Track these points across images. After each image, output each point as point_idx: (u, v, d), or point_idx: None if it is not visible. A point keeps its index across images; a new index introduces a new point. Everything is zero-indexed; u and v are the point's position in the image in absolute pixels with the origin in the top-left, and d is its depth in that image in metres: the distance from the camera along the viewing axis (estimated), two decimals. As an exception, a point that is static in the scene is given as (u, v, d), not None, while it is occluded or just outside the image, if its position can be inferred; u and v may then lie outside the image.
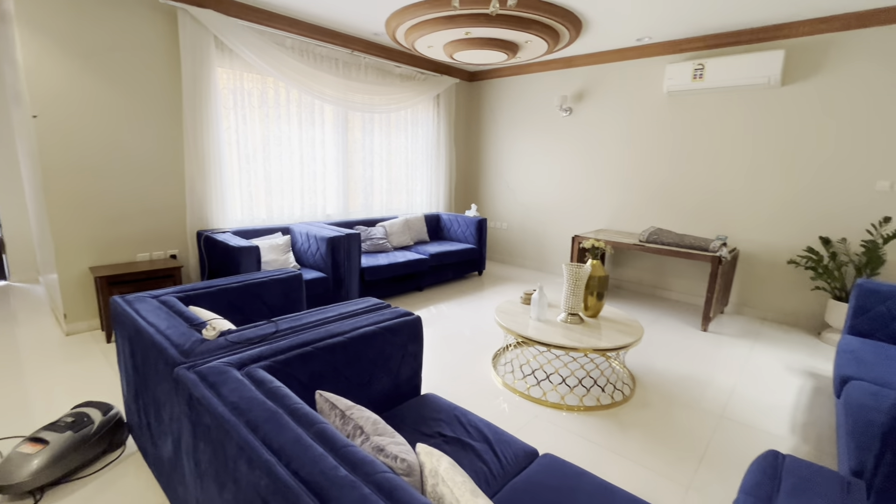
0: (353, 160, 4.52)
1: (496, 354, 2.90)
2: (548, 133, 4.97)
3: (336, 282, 3.44)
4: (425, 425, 1.47)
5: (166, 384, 1.28)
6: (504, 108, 5.34)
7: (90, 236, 3.03)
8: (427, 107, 5.13)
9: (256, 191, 3.84)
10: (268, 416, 0.95)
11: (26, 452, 1.58)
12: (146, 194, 3.24)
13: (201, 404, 1.03)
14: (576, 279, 2.47)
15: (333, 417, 1.05)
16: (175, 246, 3.45)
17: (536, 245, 5.30)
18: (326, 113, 4.21)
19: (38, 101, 2.72)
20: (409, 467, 0.86)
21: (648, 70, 4.17)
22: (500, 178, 5.53)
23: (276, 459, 0.83)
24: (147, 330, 1.44)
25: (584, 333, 2.39)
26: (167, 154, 3.29)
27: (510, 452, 1.38)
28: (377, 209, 4.85)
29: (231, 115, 3.59)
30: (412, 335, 1.65)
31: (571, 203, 4.91)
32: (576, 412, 2.29)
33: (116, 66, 2.98)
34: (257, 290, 2.10)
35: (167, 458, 1.39)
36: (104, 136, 2.99)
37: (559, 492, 1.19)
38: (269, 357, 1.28)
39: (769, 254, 3.73)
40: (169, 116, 3.25)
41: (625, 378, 2.66)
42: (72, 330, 3.03)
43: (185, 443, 1.15)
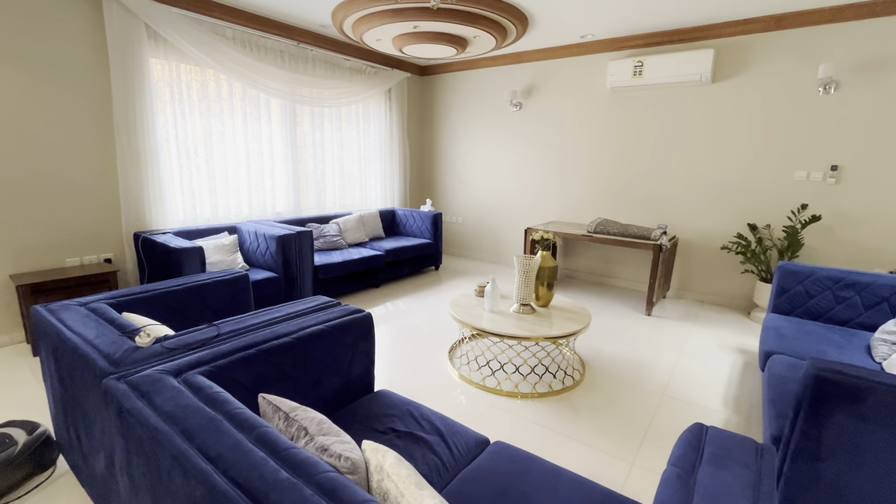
0: (302, 156, 4.39)
1: (452, 347, 2.93)
2: (499, 127, 5.05)
3: (288, 281, 3.35)
4: (377, 422, 1.47)
5: (95, 397, 1.20)
6: (456, 103, 5.36)
7: (8, 240, 2.78)
8: (378, 101, 5.06)
9: (199, 189, 3.66)
10: (205, 423, 0.92)
11: (-64, 481, 1.44)
12: (74, 194, 3.00)
13: (132, 415, 0.98)
14: (526, 270, 2.53)
15: (277, 420, 1.03)
16: (109, 249, 3.23)
17: (491, 238, 5.39)
18: (273, 107, 4.06)
19: (-62, 93, 2.45)
20: (354, 465, 0.86)
21: (593, 66, 4.31)
22: (453, 172, 5.57)
23: (212, 468, 0.80)
24: (72, 340, 1.34)
25: (535, 323, 2.47)
26: (96, 150, 3.06)
27: (462, 443, 1.40)
28: (330, 206, 4.75)
29: (168, 109, 3.39)
30: (363, 333, 1.64)
31: (523, 196, 5.02)
32: (529, 399, 2.37)
33: (36, 57, 2.73)
34: (200, 293, 2.00)
35: (101, 476, 1.31)
36: (22, 133, 2.74)
37: (508, 477, 1.23)
38: (209, 362, 1.23)
39: (704, 240, 3.99)
40: (97, 110, 3.02)
41: (575, 364, 2.77)
42: (-9, 344, 2.78)
43: (118, 458, 1.09)
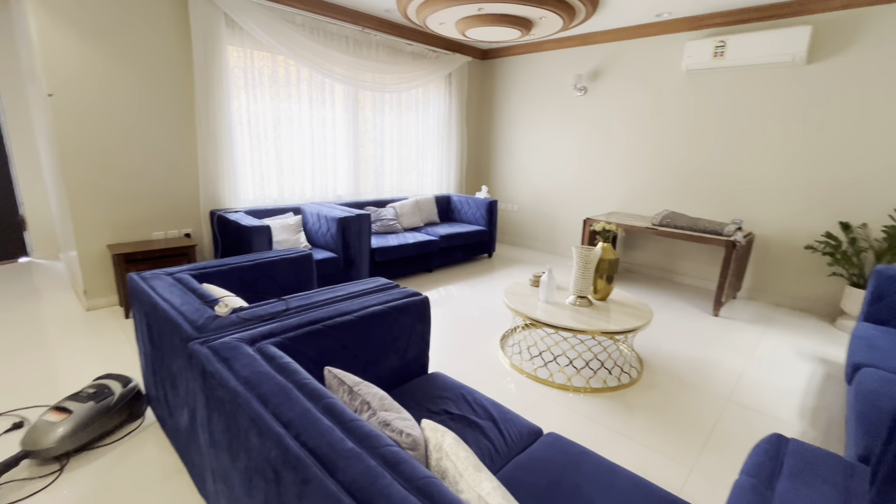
0: (363, 140, 4.50)
1: (504, 336, 2.92)
2: (561, 113, 4.88)
3: (346, 262, 3.48)
4: (432, 403, 1.50)
5: (181, 359, 1.32)
6: (517, 87, 5.24)
7: (107, 215, 3.10)
8: (438, 86, 5.05)
9: (268, 171, 3.86)
10: (278, 390, 0.98)
11: (51, 421, 1.66)
12: (160, 173, 3.27)
13: (214, 378, 1.06)
14: (585, 262, 2.45)
15: (341, 393, 1.07)
16: (189, 225, 3.51)
17: (547, 227, 5.27)
18: (337, 92, 4.18)
19: (53, 80, 2.75)
20: (414, 442, 0.89)
21: (667, 47, 4.03)
22: (511, 159, 5.47)
23: (286, 431, 0.86)
24: (162, 306, 1.47)
25: (592, 316, 2.39)
26: (180, 133, 3.31)
27: (514, 430, 1.40)
28: (387, 190, 4.85)
29: (242, 94, 3.58)
30: (420, 315, 1.67)
31: (584, 185, 4.84)
32: (582, 393, 2.31)
33: (129, 45, 2.98)
34: (269, 269, 2.13)
35: (184, 429, 1.45)
36: (118, 115, 3.02)
37: (562, 469, 1.22)
38: (279, 334, 1.31)
39: (786, 239, 3.66)
40: (181, 96, 3.26)
41: (632, 361, 2.67)
42: (92, 305, 3.12)
43: (199, 415, 1.19)
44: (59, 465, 1.66)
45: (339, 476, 0.75)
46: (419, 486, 0.73)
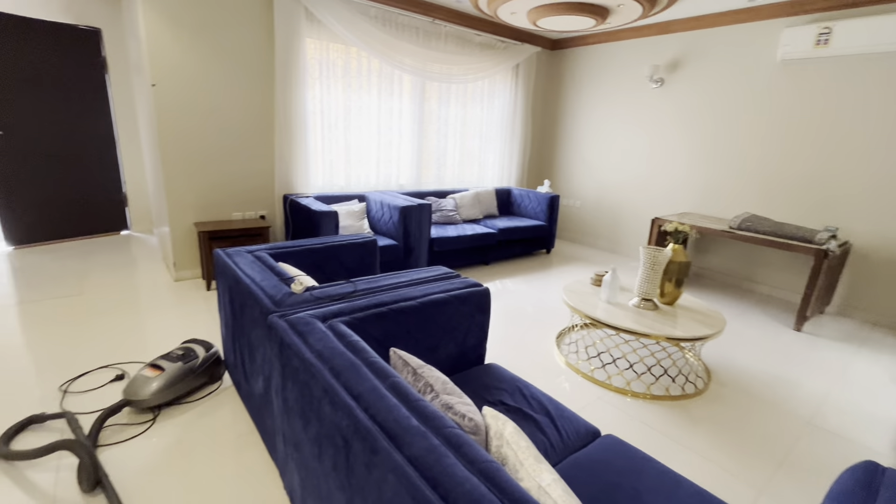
0: (427, 131, 4.56)
1: (561, 334, 2.86)
2: (634, 106, 4.65)
3: (406, 250, 3.56)
4: (487, 393, 1.52)
5: (260, 330, 1.44)
6: (587, 79, 5.05)
7: (195, 195, 3.39)
8: (505, 77, 4.99)
9: (336, 159, 4.03)
10: (348, 365, 1.04)
11: (147, 376, 1.87)
12: (241, 159, 3.53)
13: (291, 349, 1.15)
14: (653, 263, 2.34)
15: (406, 374, 1.12)
16: (264, 207, 3.75)
17: (611, 225, 5.07)
18: (405, 83, 4.26)
19: (156, 72, 3.04)
20: (476, 426, 0.91)
21: (759, 35, 3.70)
22: (576, 153, 5.30)
23: (356, 404, 0.91)
24: (245, 280, 1.60)
25: (657, 320, 2.29)
26: (260, 122, 3.54)
27: (571, 428, 1.38)
28: (448, 181, 4.89)
29: (316, 85, 3.76)
30: (480, 306, 1.68)
31: (654, 183, 4.59)
32: (641, 399, 2.23)
33: (220, 40, 3.22)
34: (337, 252, 2.24)
35: (258, 394, 1.58)
36: (209, 104, 3.28)
37: (621, 473, 1.18)
38: (348, 314, 1.38)
39: (891, 250, 3.26)
40: (263, 87, 3.48)
41: (699, 371, 2.52)
42: (179, 277, 3.45)
43: (275, 382, 1.29)
44: (153, 415, 1.87)
45: (406, 451, 0.78)
46: (482, 469, 0.75)
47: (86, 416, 1.84)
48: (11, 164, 3.88)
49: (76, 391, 2.01)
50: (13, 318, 2.67)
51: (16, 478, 1.51)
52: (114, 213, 4.59)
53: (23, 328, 2.55)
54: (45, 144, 4.04)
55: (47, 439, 1.70)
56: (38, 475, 1.53)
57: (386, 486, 0.76)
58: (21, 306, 2.83)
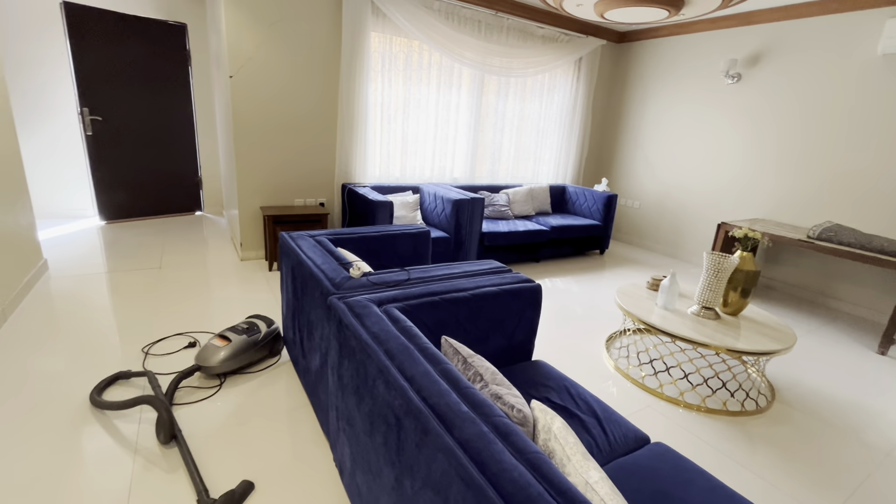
0: (484, 125, 4.55)
1: (611, 337, 2.79)
2: (705, 102, 4.38)
3: (457, 243, 3.60)
4: (534, 389, 1.52)
5: (320, 310, 1.52)
6: (655, 73, 4.81)
7: (262, 181, 3.61)
8: (566, 71, 4.87)
9: (393, 150, 4.13)
10: (402, 348, 1.08)
11: (217, 345, 2.03)
12: (305, 149, 3.71)
13: (349, 330, 1.21)
14: (718, 270, 2.21)
15: (456, 362, 1.14)
16: (323, 195, 3.93)
17: (671, 229, 4.83)
18: (464, 77, 4.27)
19: (234, 64, 3.25)
20: (524, 418, 0.92)
21: (858, 27, 3.35)
22: (638, 151, 5.08)
23: (408, 385, 0.95)
24: (307, 263, 1.70)
25: (718, 330, 2.17)
26: (325, 114, 3.70)
27: (619, 432, 1.35)
28: (502, 176, 4.86)
29: (378, 78, 3.86)
30: (531, 301, 1.68)
31: (723, 185, 4.31)
32: (695, 411, 2.12)
33: (291, 33, 3.39)
34: (391, 241, 2.31)
35: (314, 370, 1.67)
36: (280, 96, 3.47)
37: (670, 481, 1.15)
38: (402, 300, 1.43)
39: None
40: (329, 80, 3.62)
41: (762, 388, 2.36)
42: (245, 257, 3.70)
43: (331, 359, 1.36)
44: (219, 381, 2.04)
45: (455, 434, 0.81)
46: (529, 459, 0.76)
47: (163, 377, 2.04)
48: (107, 148, 4.32)
49: (155, 353, 2.22)
50: (104, 284, 2.99)
51: (106, 425, 1.71)
52: (189, 196, 4.98)
53: (111, 294, 2.85)
54: (135, 131, 4.45)
55: (131, 394, 1.89)
56: (124, 425, 1.71)
57: (435, 465, 0.80)
58: (110, 274, 3.15)
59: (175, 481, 1.47)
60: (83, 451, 1.57)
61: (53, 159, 4.31)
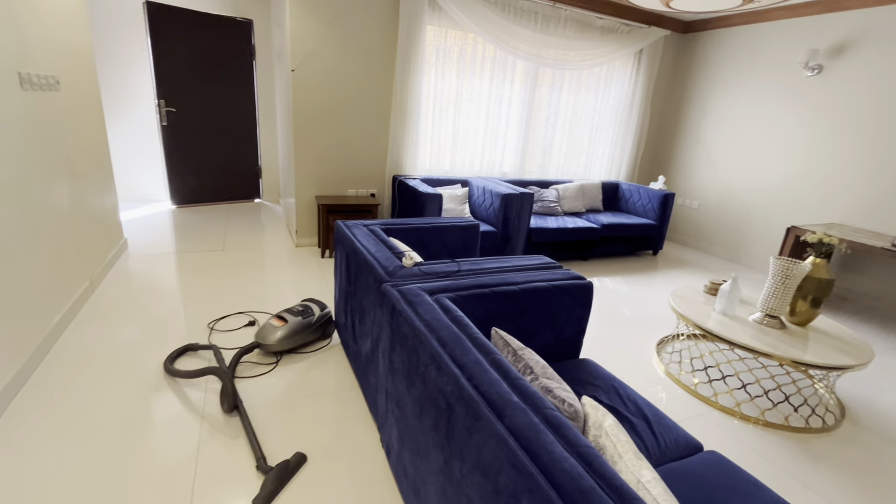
0: (536, 119, 4.48)
1: (662, 341, 2.68)
2: (779, 97, 4.07)
3: (503, 238, 3.58)
4: (581, 387, 1.50)
5: (373, 296, 1.58)
6: (723, 65, 4.53)
7: (317, 171, 3.76)
8: (625, 63, 4.68)
9: (444, 143, 4.16)
10: (453, 337, 1.10)
11: (274, 325, 2.15)
12: (359, 140, 3.81)
13: (402, 316, 1.25)
14: (786, 276, 2.07)
15: (506, 353, 1.15)
16: (374, 186, 4.03)
17: (732, 231, 4.55)
18: (518, 69, 4.22)
19: (296, 58, 3.39)
20: (576, 413, 0.91)
21: (966, 12, 2.99)
22: (699, 148, 4.81)
23: (460, 373, 0.97)
24: (361, 250, 1.76)
25: (782, 340, 2.03)
26: (378, 106, 3.78)
27: (670, 437, 1.31)
28: (552, 171, 4.77)
29: (432, 72, 3.89)
30: (582, 299, 1.65)
31: (794, 186, 4.01)
32: (751, 424, 2.01)
33: (350, 28, 3.48)
34: (441, 233, 2.34)
35: (364, 354, 1.74)
36: (337, 89, 3.59)
37: (724, 491, 1.11)
38: (453, 291, 1.45)
39: None
40: (384, 73, 3.70)
41: (830, 405, 2.20)
42: (299, 243, 3.88)
43: (382, 344, 1.42)
44: (276, 359, 2.16)
45: (507, 422, 0.82)
46: (581, 453, 0.76)
47: (226, 351, 2.19)
48: (179, 138, 4.65)
49: (219, 329, 2.39)
50: (172, 263, 3.24)
51: (177, 391, 1.86)
52: (250, 184, 5.27)
53: (180, 272, 3.09)
54: (203, 121, 4.75)
55: (199, 365, 2.05)
56: (192, 392, 1.86)
57: (486, 450, 0.82)
58: (178, 255, 3.41)
59: (236, 447, 1.59)
60: (158, 414, 1.73)
61: (133, 147, 4.70)
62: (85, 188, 2.65)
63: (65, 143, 2.39)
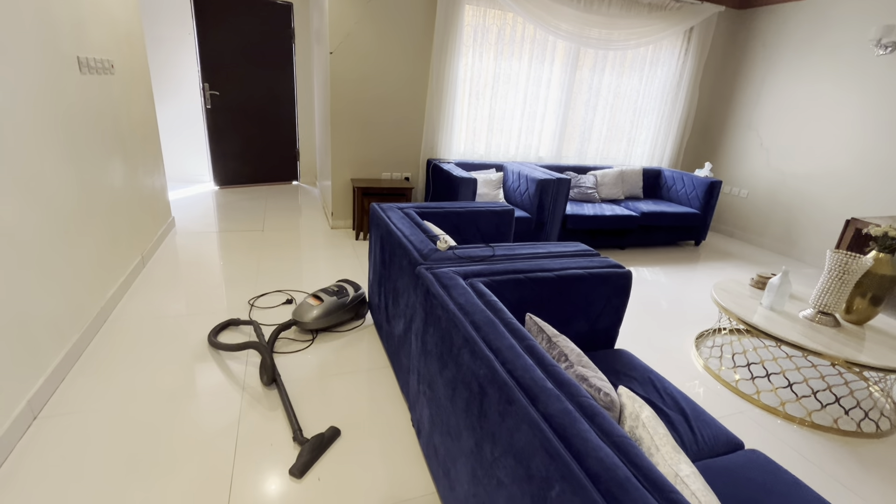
0: (575, 102, 4.34)
1: (701, 335, 2.59)
2: (845, 78, 3.76)
3: (538, 224, 3.52)
4: (616, 378, 1.47)
5: (407, 278, 1.59)
6: (782, 44, 4.21)
7: (353, 155, 3.79)
8: (673, 42, 4.44)
9: (480, 127, 4.10)
10: (487, 321, 1.10)
11: (311, 304, 2.22)
12: (394, 124, 3.81)
13: (436, 299, 1.25)
14: (843, 272, 1.94)
15: (541, 339, 1.14)
16: (409, 169, 4.03)
17: (784, 222, 4.29)
18: (558, 50, 4.08)
19: (334, 40, 3.41)
20: (611, 402, 0.90)
21: None
22: (751, 134, 4.53)
23: (494, 357, 0.97)
24: (396, 233, 1.78)
25: (836, 339, 1.92)
26: (415, 89, 3.76)
27: (709, 433, 1.27)
28: (591, 156, 4.62)
29: (469, 53, 3.82)
30: (619, 288, 1.61)
31: (857, 175, 3.72)
32: (797, 424, 1.92)
33: (387, 9, 3.45)
34: (475, 218, 2.32)
35: (397, 335, 1.76)
36: (375, 71, 3.59)
37: (765, 491, 1.06)
38: (487, 275, 1.44)
39: None
40: (421, 55, 3.66)
41: (885, 410, 2.06)
42: (335, 225, 3.95)
43: (416, 326, 1.43)
44: (312, 336, 2.23)
45: (540, 408, 0.82)
46: (616, 443, 0.74)
47: (265, 327, 2.28)
48: (223, 120, 4.80)
49: (259, 306, 2.49)
50: (215, 241, 3.38)
51: (220, 364, 1.96)
52: (288, 166, 5.39)
53: (221, 251, 3.22)
54: (245, 105, 4.88)
55: (240, 339, 2.15)
56: (234, 365, 1.96)
57: (519, 434, 0.81)
58: (221, 234, 3.55)
59: (275, 419, 1.66)
60: (202, 383, 1.83)
61: (180, 130, 4.90)
62: (136, 168, 2.79)
63: (118, 126, 2.51)
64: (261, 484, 1.40)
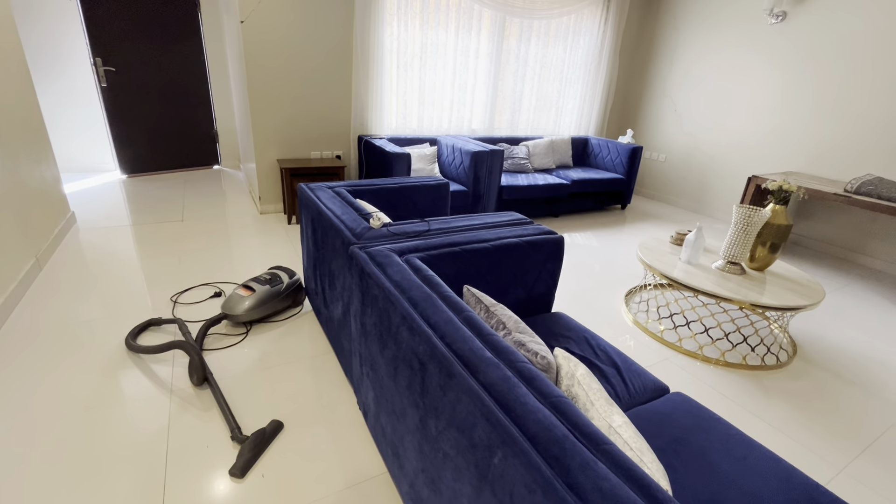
0: (504, 72, 4.35)
1: (630, 292, 2.77)
2: (743, 47, 4.07)
3: (475, 197, 3.54)
4: (554, 340, 1.52)
5: (341, 259, 1.53)
6: (692, 14, 4.46)
7: (278, 133, 3.56)
8: (594, 12, 4.55)
9: (410, 100, 4.00)
10: (424, 296, 1.08)
11: (241, 295, 2.08)
12: (320, 100, 3.61)
13: (371, 279, 1.21)
14: (747, 224, 2.14)
15: (479, 310, 1.14)
16: (339, 147, 3.87)
17: (697, 183, 4.65)
18: (484, 19, 4.03)
19: (245, 8, 3.12)
20: (548, 365, 0.92)
21: (925, -46, 3.01)
22: (666, 101, 4.82)
23: (432, 332, 0.95)
24: (327, 213, 1.69)
25: (742, 285, 2.12)
26: (340, 61, 3.56)
27: (639, 382, 1.36)
28: (522, 127, 4.69)
29: (394, 22, 3.67)
30: (553, 253, 1.65)
31: (756, 137, 4.09)
32: (713, 365, 2.13)
33: (303, -29, 3.20)
34: (410, 193, 2.28)
35: (336, 318, 1.71)
36: (293, 42, 3.34)
37: (688, 429, 1.16)
38: (423, 250, 1.42)
39: None
40: (343, 24, 3.46)
41: (784, 344, 2.34)
42: (264, 210, 3.72)
43: (353, 308, 1.38)
44: (245, 329, 2.11)
45: (480, 378, 0.82)
46: (553, 403, 0.77)
47: (192, 324, 2.12)
48: (122, 100, 4.28)
49: (183, 302, 2.30)
50: (129, 237, 3.06)
51: (143, 368, 1.80)
52: (206, 150, 4.97)
53: (137, 245, 2.92)
54: (148, 82, 4.38)
55: (163, 340, 1.98)
56: (159, 368, 1.80)
57: (460, 406, 0.81)
58: (135, 227, 3.22)
59: (210, 419, 1.56)
60: (125, 391, 1.67)
61: (71, 112, 4.31)
62: (17, 157, 2.42)
63: (-14, 107, 2.15)
64: (199, 489, 1.31)
